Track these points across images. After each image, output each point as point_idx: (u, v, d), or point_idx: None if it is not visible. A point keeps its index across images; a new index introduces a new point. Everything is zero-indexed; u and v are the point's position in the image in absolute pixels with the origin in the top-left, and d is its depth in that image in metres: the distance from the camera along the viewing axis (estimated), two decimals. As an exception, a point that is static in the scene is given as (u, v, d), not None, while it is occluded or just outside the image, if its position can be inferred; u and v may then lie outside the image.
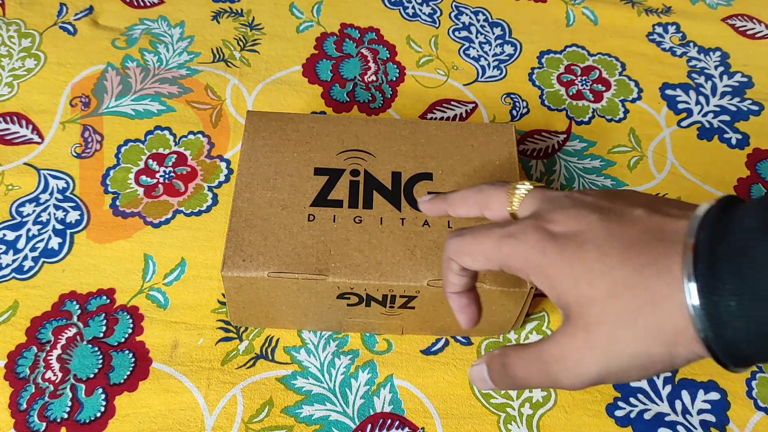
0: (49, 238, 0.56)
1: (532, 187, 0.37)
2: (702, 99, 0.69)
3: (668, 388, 0.52)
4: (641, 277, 0.31)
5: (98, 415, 0.48)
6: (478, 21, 0.74)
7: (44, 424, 0.48)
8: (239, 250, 0.46)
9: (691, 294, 0.30)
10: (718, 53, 0.73)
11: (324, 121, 0.54)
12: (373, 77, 0.68)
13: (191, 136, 0.62)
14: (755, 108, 0.69)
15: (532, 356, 0.35)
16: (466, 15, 0.74)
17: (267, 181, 0.50)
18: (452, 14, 0.74)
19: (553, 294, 0.34)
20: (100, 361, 0.50)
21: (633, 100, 0.68)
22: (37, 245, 0.55)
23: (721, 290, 0.29)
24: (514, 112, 0.67)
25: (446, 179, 0.51)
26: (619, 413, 0.50)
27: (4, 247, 0.55)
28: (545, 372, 0.34)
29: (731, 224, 0.30)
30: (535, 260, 0.34)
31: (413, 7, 0.74)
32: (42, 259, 0.55)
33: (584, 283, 0.32)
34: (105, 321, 0.52)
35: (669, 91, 0.69)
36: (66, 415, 0.48)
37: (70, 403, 0.49)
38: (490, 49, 0.71)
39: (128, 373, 0.50)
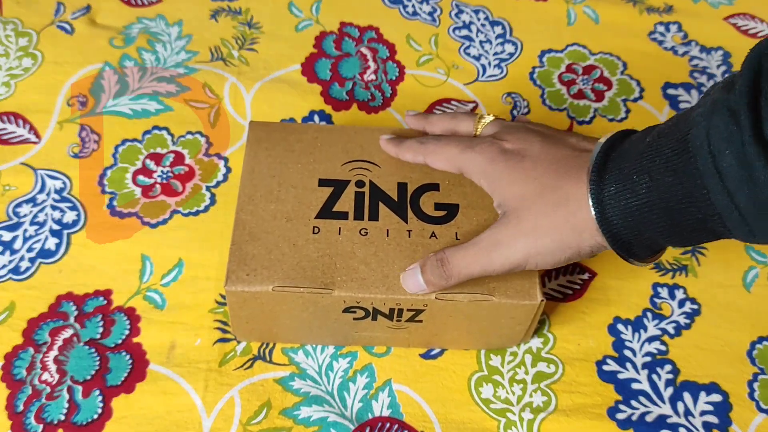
0: (46, 238, 0.55)
1: (494, 117, 0.49)
2: (704, 98, 0.68)
3: (670, 390, 0.51)
4: (561, 181, 0.41)
5: (95, 417, 0.48)
6: (479, 20, 0.73)
7: (41, 426, 0.47)
8: (243, 264, 0.45)
9: (590, 190, 0.40)
10: (720, 52, 0.72)
11: (328, 131, 0.53)
12: (373, 76, 0.67)
13: (189, 136, 0.62)
14: (757, 107, 0.68)
15: (473, 248, 0.43)
16: (467, 14, 0.74)
17: (270, 193, 0.49)
18: (452, 13, 0.74)
19: (495, 195, 0.45)
20: (97, 363, 0.50)
21: (635, 100, 0.68)
22: (33, 246, 0.55)
23: (606, 180, 0.39)
24: (515, 112, 0.66)
25: (453, 190, 0.50)
26: (620, 416, 0.50)
27: (0, 248, 0.55)
28: (486, 258, 0.42)
29: (626, 139, 0.41)
30: (486, 167, 0.45)
31: (413, 6, 0.74)
32: (39, 260, 0.54)
33: (520, 184, 0.43)
34: (102, 322, 0.52)
35: (671, 91, 0.69)
36: (63, 417, 0.48)
37: (67, 405, 0.48)
38: (490, 48, 0.71)
39: (125, 374, 0.50)
